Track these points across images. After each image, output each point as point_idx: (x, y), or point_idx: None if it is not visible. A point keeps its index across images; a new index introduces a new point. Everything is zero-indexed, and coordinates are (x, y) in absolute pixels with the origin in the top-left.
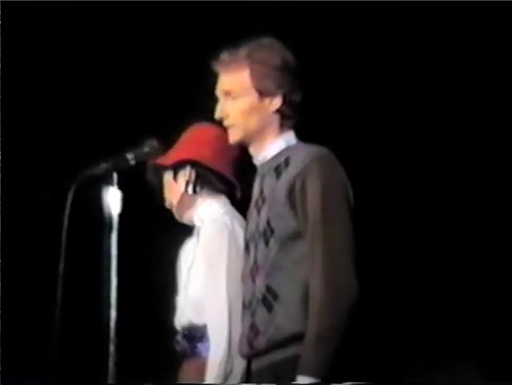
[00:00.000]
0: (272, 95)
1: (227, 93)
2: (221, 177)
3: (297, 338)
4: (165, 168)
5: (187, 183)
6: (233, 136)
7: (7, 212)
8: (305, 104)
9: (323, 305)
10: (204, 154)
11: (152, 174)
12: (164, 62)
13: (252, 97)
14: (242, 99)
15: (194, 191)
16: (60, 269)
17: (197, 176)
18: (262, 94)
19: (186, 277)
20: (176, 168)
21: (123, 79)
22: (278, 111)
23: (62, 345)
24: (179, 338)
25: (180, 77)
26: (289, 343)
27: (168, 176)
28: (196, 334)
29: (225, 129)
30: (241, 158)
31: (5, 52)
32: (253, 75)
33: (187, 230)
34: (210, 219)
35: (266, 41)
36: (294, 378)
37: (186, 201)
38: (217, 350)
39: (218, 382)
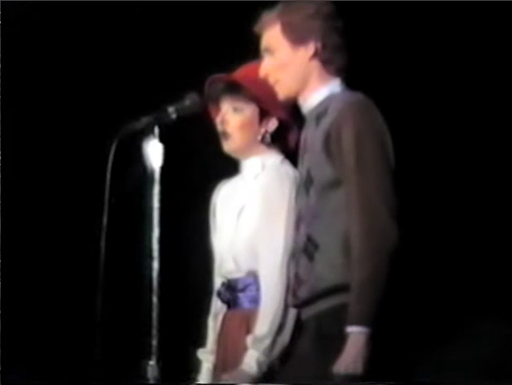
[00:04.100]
0: (304, 42)
1: (266, 50)
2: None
3: (338, 288)
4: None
5: (265, 132)
6: (281, 93)
7: (51, 167)
8: (353, 52)
9: (362, 254)
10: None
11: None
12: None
13: (286, 49)
14: (278, 53)
15: (269, 141)
16: (104, 223)
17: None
18: (294, 43)
19: (235, 223)
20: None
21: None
22: (314, 57)
23: (105, 298)
24: (221, 289)
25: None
26: (331, 293)
27: (237, 107)
28: (237, 285)
29: None
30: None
31: (5, 52)
32: (283, 27)
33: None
34: (273, 165)
35: None
36: (337, 329)
37: (252, 144)
38: (269, 300)
39: (271, 334)
